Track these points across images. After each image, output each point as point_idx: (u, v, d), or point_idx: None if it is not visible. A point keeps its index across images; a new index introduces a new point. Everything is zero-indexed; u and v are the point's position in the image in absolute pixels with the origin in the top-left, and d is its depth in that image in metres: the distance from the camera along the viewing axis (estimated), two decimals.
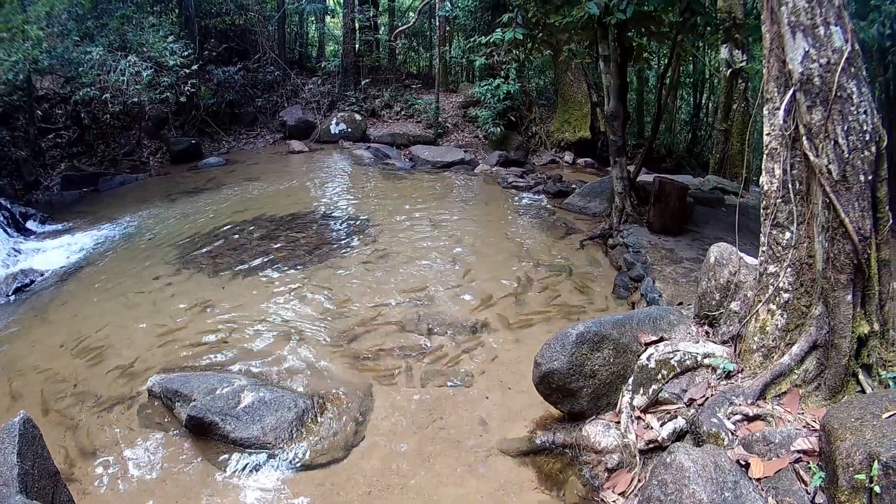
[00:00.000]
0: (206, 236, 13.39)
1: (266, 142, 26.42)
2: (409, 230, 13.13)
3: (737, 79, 20.54)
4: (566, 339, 5.84)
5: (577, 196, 14.90)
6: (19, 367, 8.55)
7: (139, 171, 22.46)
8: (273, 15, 30.47)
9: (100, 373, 8.05)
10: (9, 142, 20.13)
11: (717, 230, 11.31)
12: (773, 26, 4.95)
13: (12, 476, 4.25)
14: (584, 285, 10.06)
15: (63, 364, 8.44)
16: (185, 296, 10.35)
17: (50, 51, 18.39)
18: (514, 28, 12.86)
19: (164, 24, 21.99)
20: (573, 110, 24.30)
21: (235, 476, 5.85)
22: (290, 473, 5.85)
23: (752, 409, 4.67)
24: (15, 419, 4.57)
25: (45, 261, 13.31)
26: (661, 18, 12.01)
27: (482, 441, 6.16)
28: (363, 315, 9.14)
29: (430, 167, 21.10)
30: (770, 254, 5.23)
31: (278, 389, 7.00)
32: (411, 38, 33.80)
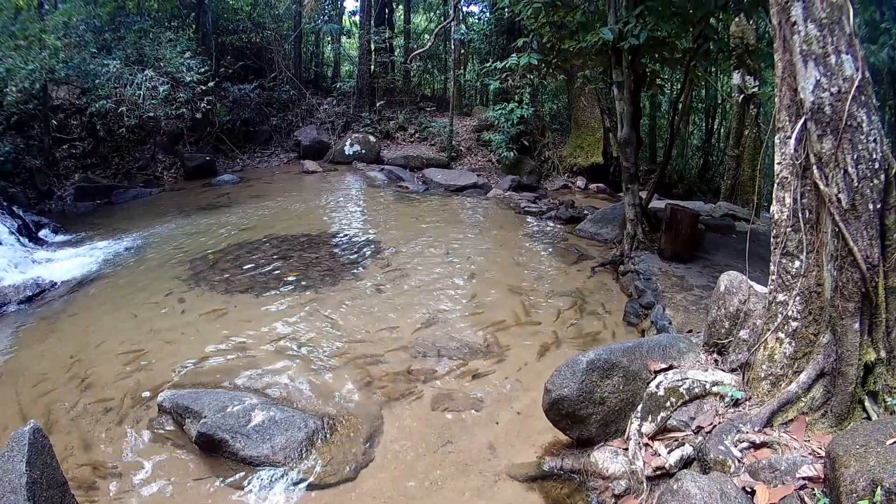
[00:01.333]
0: (218, 253, 13.43)
1: (280, 161, 26.59)
2: (422, 253, 13.14)
3: (749, 104, 20.55)
4: (576, 366, 5.86)
5: (588, 222, 14.92)
6: (28, 376, 8.56)
7: (153, 186, 22.61)
8: (289, 34, 30.70)
9: (109, 385, 8.05)
10: (23, 150, 20.20)
11: (728, 257, 11.31)
12: (786, 55, 4.98)
13: (21, 484, 4.30)
14: (594, 312, 10.05)
15: (72, 375, 8.44)
16: (196, 312, 10.34)
17: (67, 61, 18.53)
18: (529, 53, 12.92)
19: (181, 40, 22.19)
20: (586, 135, 24.40)
21: (244, 494, 5.84)
22: (299, 493, 5.82)
23: (759, 437, 4.67)
24: (25, 428, 4.61)
25: (57, 271, 13.30)
26: (674, 44, 12.04)
27: (490, 465, 6.13)
28: (375, 337, 9.12)
29: (443, 191, 21.20)
30: (779, 282, 5.23)
31: (289, 409, 6.98)
32: (426, 60, 33.98)
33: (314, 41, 36.09)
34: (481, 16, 32.46)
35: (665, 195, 19.79)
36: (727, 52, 12.52)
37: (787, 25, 4.89)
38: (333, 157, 25.80)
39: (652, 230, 12.41)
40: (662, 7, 11.00)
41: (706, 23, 11.27)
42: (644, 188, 13.20)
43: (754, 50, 13.52)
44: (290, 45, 31.27)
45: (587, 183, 23.43)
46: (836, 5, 4.62)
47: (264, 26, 28.76)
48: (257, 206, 18.50)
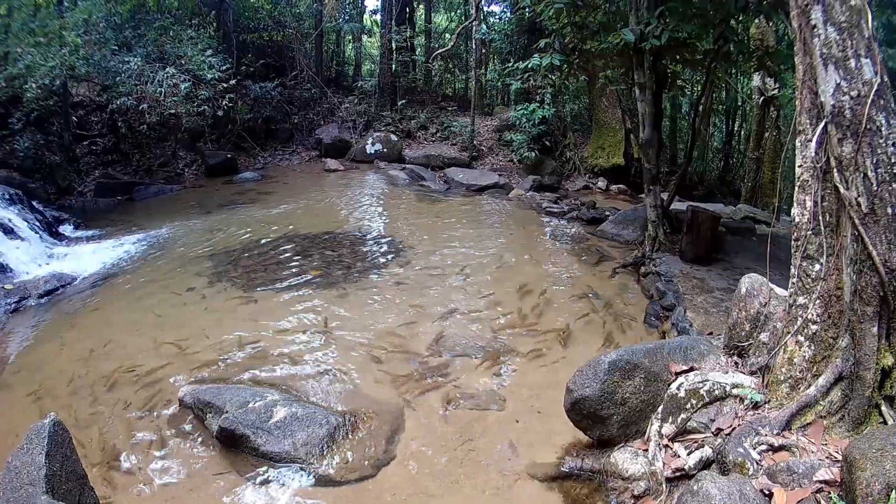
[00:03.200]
0: (240, 250, 13.51)
1: (301, 159, 26.64)
2: (444, 253, 13.16)
3: (769, 107, 20.41)
4: (598, 366, 5.89)
5: (610, 223, 14.90)
6: (47, 369, 8.64)
7: (174, 183, 22.71)
8: (310, 33, 30.75)
9: (129, 380, 8.13)
10: (43, 146, 20.26)
11: (748, 260, 11.26)
12: (806, 58, 4.98)
13: (40, 476, 4.33)
14: (615, 313, 10.04)
15: (92, 369, 8.51)
16: (218, 309, 10.43)
17: (87, 58, 18.71)
18: (552, 53, 12.93)
19: (202, 38, 22.34)
20: (607, 136, 24.33)
21: (264, 489, 5.88)
22: (319, 489, 5.86)
23: (778, 440, 4.67)
24: (45, 420, 4.67)
25: (77, 266, 13.41)
26: (695, 46, 12.03)
27: (511, 465, 6.15)
28: (397, 335, 9.16)
29: (465, 190, 21.17)
30: (800, 285, 5.22)
31: (310, 405, 7.01)
32: (447, 60, 33.90)
33: (335, 40, 36.19)
34: (502, 15, 32.41)
35: (686, 197, 19.71)
36: (747, 54, 12.47)
37: (808, 28, 4.90)
38: (355, 156, 25.83)
39: (673, 232, 12.40)
40: (683, 8, 11.00)
41: (726, 24, 11.25)
42: (665, 190, 13.17)
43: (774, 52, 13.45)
44: (311, 44, 31.35)
45: (608, 184, 23.35)
46: (854, 9, 4.63)
47: (285, 25, 28.77)
48: (279, 203, 18.58)
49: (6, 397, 7.98)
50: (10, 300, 11.30)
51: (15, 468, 4.43)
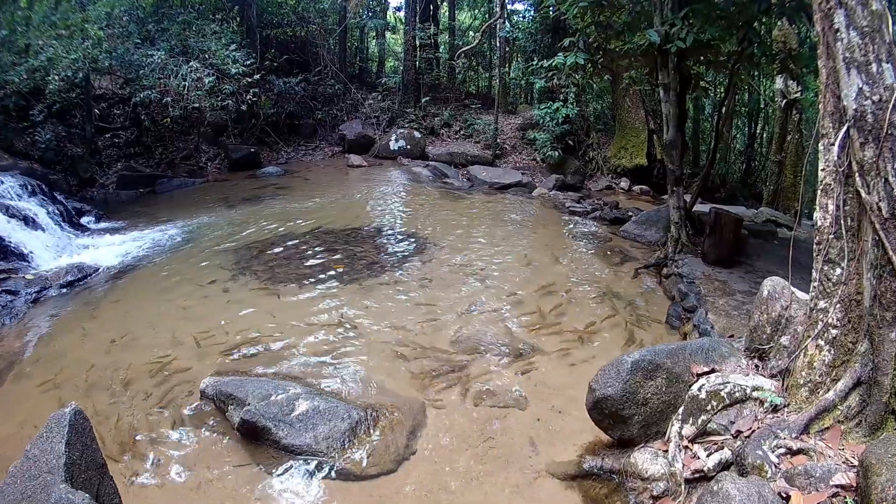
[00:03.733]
0: (263, 244, 13.58)
1: (325, 154, 26.76)
2: (467, 250, 13.19)
3: (791, 110, 20.27)
4: (621, 366, 5.91)
5: (633, 224, 14.89)
6: (68, 359, 8.70)
7: (196, 176, 22.89)
8: (334, 29, 30.80)
9: (150, 371, 8.20)
10: (65, 138, 20.43)
11: (770, 263, 11.22)
12: (829, 61, 4.99)
13: (59, 465, 4.34)
14: (637, 313, 10.04)
15: (113, 360, 8.58)
16: (240, 302, 10.49)
17: (110, 51, 18.83)
18: (576, 52, 12.94)
19: (226, 32, 22.42)
20: (630, 137, 24.28)
21: (284, 482, 5.93)
22: (340, 483, 5.90)
23: (796, 444, 4.68)
24: (66, 409, 4.68)
25: (99, 257, 13.49)
26: (718, 47, 12.01)
27: (531, 463, 6.17)
28: (419, 331, 9.21)
29: (488, 188, 21.19)
30: (821, 289, 5.22)
31: (333, 399, 7.04)
32: (471, 57, 33.83)
33: (359, 36, 36.26)
34: (526, 14, 32.39)
35: (708, 199, 19.60)
36: (771, 57, 12.43)
37: (831, 32, 4.90)
38: (378, 152, 25.96)
39: (695, 234, 12.37)
40: (707, 10, 10.99)
41: (750, 26, 11.24)
42: (688, 191, 13.15)
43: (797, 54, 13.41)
44: (334, 40, 31.41)
45: (631, 184, 23.31)
46: (876, 14, 4.63)
47: (309, 20, 28.90)
48: (302, 198, 18.69)
49: (25, 387, 8.07)
50: (31, 290, 11.36)
51: (33, 456, 4.46)
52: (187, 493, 5.86)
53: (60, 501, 4.09)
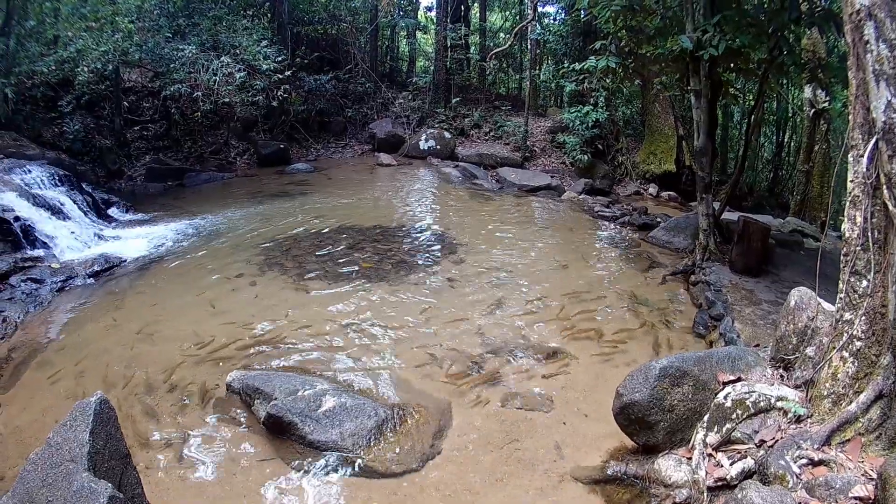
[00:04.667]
0: (291, 240, 13.72)
1: (354, 152, 26.88)
2: (495, 252, 13.23)
3: (819, 119, 20.09)
4: (649, 372, 5.94)
5: (661, 230, 14.86)
6: (92, 349, 8.82)
7: (225, 171, 23.11)
8: (365, 27, 30.89)
9: (176, 363, 8.29)
10: (93, 129, 20.74)
11: (795, 274, 11.19)
12: (859, 73, 5.00)
13: (82, 453, 4.39)
14: (664, 320, 10.03)
15: (137, 350, 8.70)
16: (267, 296, 10.59)
17: (141, 45, 19.07)
18: (608, 56, 12.97)
19: (257, 29, 22.56)
20: (659, 142, 24.21)
21: (309, 477, 5.98)
22: (364, 480, 5.96)
23: (818, 455, 4.70)
24: (91, 398, 4.75)
25: (126, 248, 13.61)
26: (748, 55, 12.01)
27: (555, 466, 6.19)
28: (446, 331, 9.25)
29: (517, 190, 21.22)
30: (847, 301, 5.22)
31: (360, 396, 7.10)
32: (502, 59, 33.80)
33: (390, 35, 36.31)
34: (557, 16, 32.38)
35: (735, 208, 19.44)
36: (801, 66, 12.40)
37: (861, 44, 4.91)
38: (408, 152, 26.01)
39: (723, 241, 12.34)
40: (738, 17, 11.01)
41: (781, 35, 11.25)
42: (716, 199, 13.13)
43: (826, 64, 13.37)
44: (365, 39, 31.52)
45: (659, 190, 23.22)
46: None
47: (340, 18, 28.98)
48: (331, 195, 18.82)
49: (47, 374, 8.19)
50: (57, 279, 11.51)
51: (55, 444, 4.51)
52: (209, 485, 5.96)
53: (83, 490, 4.15)
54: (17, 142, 17.63)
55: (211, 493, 5.83)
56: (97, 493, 4.13)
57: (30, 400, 7.56)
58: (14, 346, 9.05)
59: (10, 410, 7.36)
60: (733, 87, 14.45)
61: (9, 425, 7.06)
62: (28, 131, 19.01)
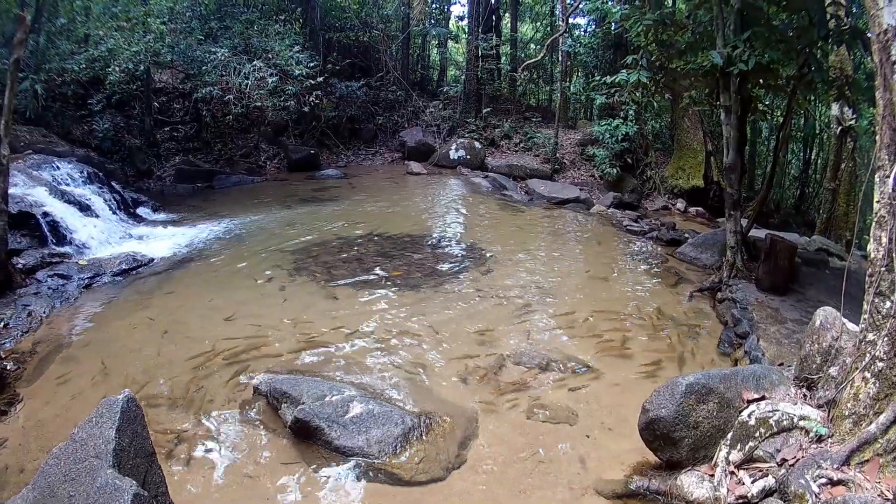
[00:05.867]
0: (321, 246, 13.79)
1: (384, 160, 27.05)
2: (524, 263, 13.24)
3: (846, 137, 19.93)
4: (676, 388, 5.95)
5: (689, 246, 14.83)
6: (118, 347, 8.90)
7: (255, 174, 23.30)
8: (397, 35, 31.02)
9: (202, 364, 8.38)
10: (123, 129, 20.98)
11: (821, 293, 11.15)
12: (886, 93, 5.02)
13: (107, 450, 4.43)
14: (690, 337, 9.99)
15: (163, 350, 8.77)
16: (296, 301, 10.65)
17: (173, 46, 19.22)
18: (639, 70, 13.02)
19: (289, 33, 22.72)
20: (688, 157, 24.17)
21: (332, 482, 6.01)
22: (388, 487, 5.98)
23: (837, 474, 4.71)
24: (119, 396, 4.79)
25: (154, 248, 13.73)
26: (777, 71, 12.01)
27: (579, 479, 6.18)
28: (474, 342, 9.24)
29: (546, 202, 21.16)
30: (871, 322, 5.23)
31: (387, 404, 7.11)
32: (532, 70, 33.91)
33: (421, 44, 36.51)
34: (587, 28, 32.42)
35: (761, 224, 19.31)
36: (829, 82, 12.37)
37: (888, 64, 4.94)
38: (438, 161, 26.08)
39: (750, 259, 12.31)
40: (768, 33, 11.03)
41: (810, 51, 11.26)
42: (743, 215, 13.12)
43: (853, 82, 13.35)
44: (397, 47, 31.68)
45: (687, 206, 23.12)
46: None
47: (372, 26, 29.20)
48: (361, 202, 18.93)
49: (72, 370, 8.28)
50: (84, 276, 11.67)
51: (80, 440, 4.56)
52: (232, 486, 6.00)
53: (107, 486, 4.20)
54: (46, 138, 17.92)
55: (234, 494, 5.89)
56: (121, 490, 4.19)
57: (53, 395, 7.68)
58: (38, 341, 9.18)
59: (32, 404, 7.49)
60: (762, 104, 14.40)
61: (31, 419, 7.18)
62: (57, 128, 19.32)
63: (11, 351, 8.83)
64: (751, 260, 12.28)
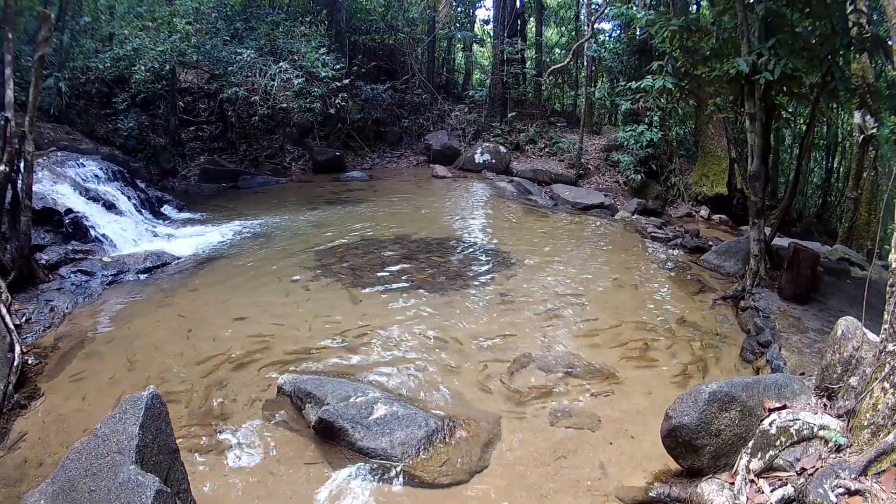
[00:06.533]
0: (345, 247, 13.87)
1: (410, 163, 27.18)
2: (549, 268, 13.23)
3: (868, 146, 19.84)
4: (699, 395, 5.96)
5: (713, 254, 14.79)
6: (141, 342, 8.99)
7: (280, 175, 23.49)
8: (423, 38, 31.21)
9: (226, 362, 8.45)
10: (148, 128, 21.25)
11: (842, 302, 11.14)
12: None
13: (131, 446, 4.49)
14: (712, 345, 9.96)
15: (187, 347, 8.87)
16: (321, 302, 10.70)
17: (198, 46, 19.47)
18: (665, 76, 13.05)
19: (315, 35, 22.89)
20: (712, 164, 24.13)
21: (355, 483, 6.05)
22: (410, 489, 6.02)
23: (854, 484, 4.71)
24: (144, 392, 4.86)
25: (178, 246, 13.87)
26: (801, 79, 12.01)
27: (600, 485, 6.19)
28: (498, 346, 9.24)
29: (571, 208, 21.20)
30: (891, 332, 5.23)
31: (411, 406, 7.18)
32: (557, 75, 33.89)
33: (446, 47, 36.65)
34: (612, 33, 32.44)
35: (784, 233, 19.24)
36: (851, 91, 12.35)
37: None
38: (463, 164, 26.16)
39: (773, 267, 12.28)
40: (792, 41, 11.05)
41: (832, 59, 11.28)
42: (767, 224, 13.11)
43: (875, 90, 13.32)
44: (422, 50, 31.90)
45: (710, 213, 23.05)
46: None
47: (397, 29, 29.35)
48: (386, 204, 19.03)
49: (94, 365, 8.39)
50: (108, 273, 11.80)
51: (103, 435, 4.62)
52: (254, 484, 6.05)
53: (129, 482, 4.27)
54: (69, 135, 18.12)
55: (256, 492, 5.94)
56: (144, 486, 4.25)
57: (74, 390, 7.77)
58: (60, 336, 9.30)
59: (53, 399, 7.60)
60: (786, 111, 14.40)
61: (51, 413, 7.29)
62: (81, 126, 19.58)
63: (33, 345, 8.96)
64: (774, 268, 12.24)
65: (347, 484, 6.09)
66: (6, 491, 5.90)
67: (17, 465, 6.34)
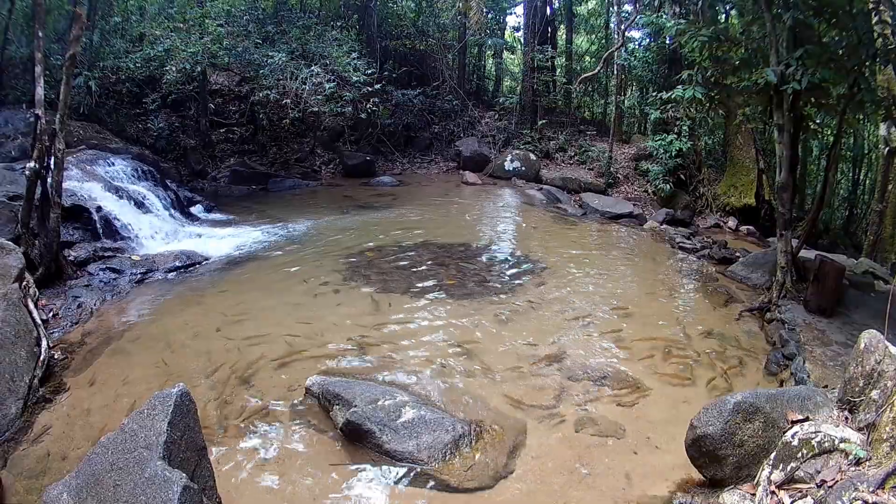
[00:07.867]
0: (375, 251, 14.00)
1: (440, 169, 27.25)
2: (577, 276, 13.25)
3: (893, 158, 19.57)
4: (724, 406, 6.00)
5: (740, 265, 14.74)
6: (169, 341, 9.12)
7: (310, 179, 23.68)
8: (453, 44, 31.24)
9: (254, 362, 8.55)
10: (178, 128, 21.64)
11: (866, 316, 11.01)
12: None
13: (158, 442, 4.61)
14: (738, 356, 9.96)
15: (216, 347, 8.96)
16: (350, 305, 10.80)
17: (230, 49, 19.60)
18: (695, 86, 13.09)
19: (346, 40, 22.95)
20: (740, 175, 23.98)
21: (382, 486, 6.13)
22: (436, 493, 6.09)
23: (871, 497, 4.70)
24: (173, 389, 5.00)
25: (208, 246, 14.04)
26: (829, 90, 11.99)
27: (623, 494, 6.23)
28: (526, 353, 9.28)
29: (600, 216, 21.22)
30: None
31: (439, 410, 7.28)
32: (587, 83, 33.80)
33: (477, 54, 36.69)
34: (642, 42, 32.41)
35: (810, 245, 19.18)
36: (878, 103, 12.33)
37: None
38: (493, 171, 26.20)
39: (799, 280, 12.25)
40: (820, 51, 11.07)
41: (859, 70, 11.27)
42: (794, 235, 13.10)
43: None
44: (453, 56, 31.87)
45: (738, 224, 22.94)
46: None
47: (428, 34, 29.43)
48: (416, 210, 19.11)
49: (121, 362, 8.54)
50: (137, 271, 12.00)
51: (130, 431, 4.76)
52: (280, 484, 6.15)
53: (156, 477, 4.39)
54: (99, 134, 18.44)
55: (281, 492, 6.03)
56: (171, 482, 4.37)
57: (100, 386, 7.92)
58: (88, 332, 9.48)
59: (78, 394, 7.76)
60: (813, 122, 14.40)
61: (76, 408, 7.44)
62: (111, 125, 19.91)
63: (60, 341, 9.12)
64: (800, 280, 12.19)
65: (373, 486, 6.17)
66: (28, 483, 6.04)
67: (40, 457, 6.47)
